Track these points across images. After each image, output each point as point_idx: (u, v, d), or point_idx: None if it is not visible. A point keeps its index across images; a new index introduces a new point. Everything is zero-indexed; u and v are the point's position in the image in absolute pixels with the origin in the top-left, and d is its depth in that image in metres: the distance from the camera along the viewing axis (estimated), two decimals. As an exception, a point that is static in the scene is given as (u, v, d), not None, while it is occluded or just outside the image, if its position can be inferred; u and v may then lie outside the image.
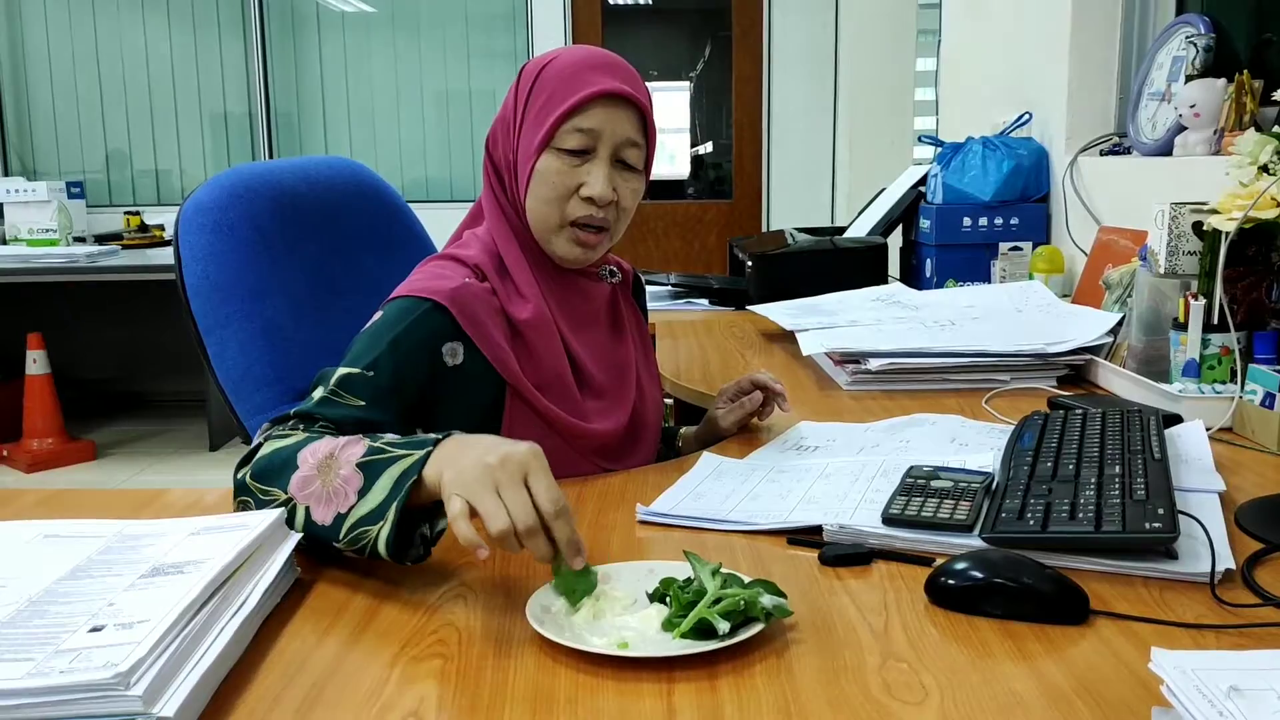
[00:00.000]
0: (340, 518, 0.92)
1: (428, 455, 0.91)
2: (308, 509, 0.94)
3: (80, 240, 4.70)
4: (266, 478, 0.98)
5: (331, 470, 0.94)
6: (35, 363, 4.31)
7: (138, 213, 4.91)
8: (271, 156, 5.28)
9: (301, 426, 1.05)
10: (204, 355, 1.35)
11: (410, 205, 1.71)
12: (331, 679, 0.77)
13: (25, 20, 5.24)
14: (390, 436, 0.96)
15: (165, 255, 4.31)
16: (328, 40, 5.26)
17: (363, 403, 1.09)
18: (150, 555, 0.85)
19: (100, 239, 4.73)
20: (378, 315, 1.18)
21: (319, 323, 1.46)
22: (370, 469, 0.92)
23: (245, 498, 0.99)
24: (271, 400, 1.36)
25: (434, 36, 5.25)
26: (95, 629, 0.72)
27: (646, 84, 1.24)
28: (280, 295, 1.41)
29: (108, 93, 5.29)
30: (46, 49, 5.26)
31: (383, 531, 0.89)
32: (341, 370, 1.11)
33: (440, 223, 1.25)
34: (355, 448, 0.95)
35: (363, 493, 0.91)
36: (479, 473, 0.85)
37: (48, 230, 4.63)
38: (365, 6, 5.27)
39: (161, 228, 4.83)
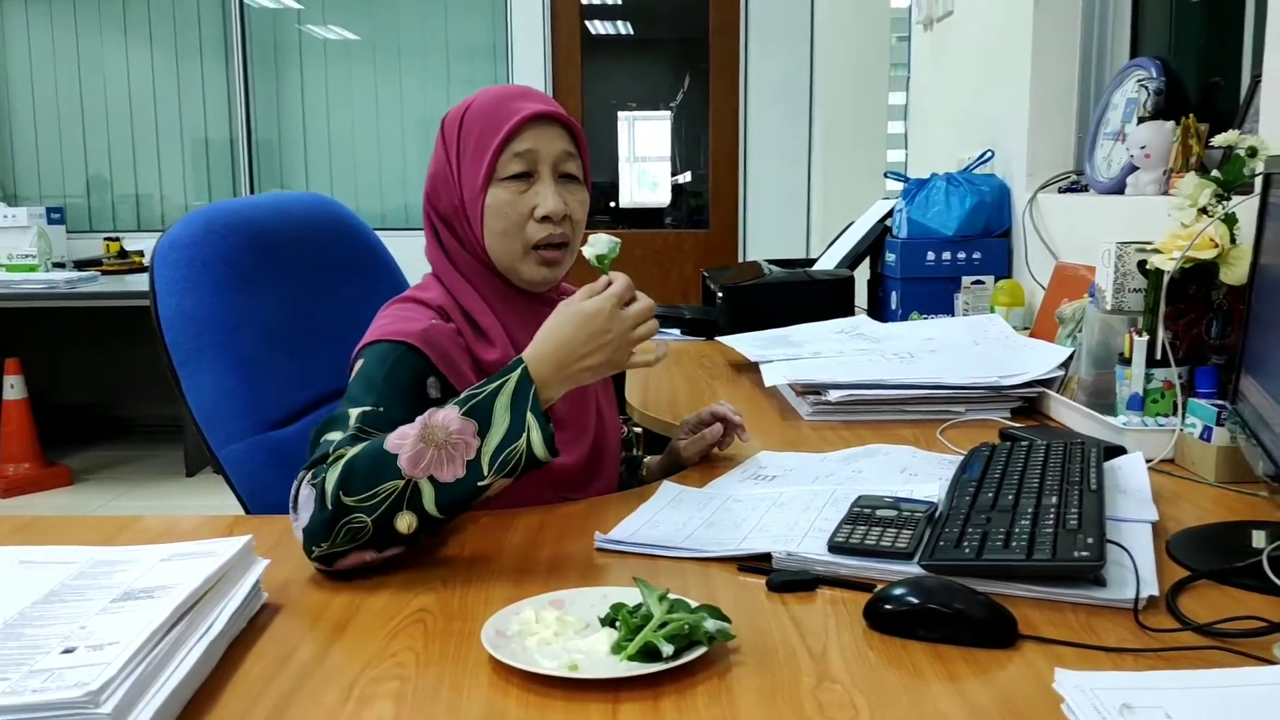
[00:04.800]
0: (474, 462, 1.00)
1: (524, 370, 1.05)
2: (432, 478, 1.00)
3: (60, 266, 4.72)
4: (367, 483, 1.00)
5: (439, 432, 1.00)
6: (13, 388, 4.32)
7: (117, 238, 4.94)
8: (252, 182, 5.32)
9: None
10: (177, 386, 1.39)
11: (390, 233, 1.75)
12: (293, 700, 0.80)
13: (6, 44, 5.27)
14: (464, 394, 1.05)
15: (144, 281, 4.31)
16: (310, 67, 5.31)
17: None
18: (122, 580, 0.89)
19: (80, 265, 4.75)
20: (360, 363, 1.20)
21: (292, 354, 1.49)
22: (477, 410, 1.01)
23: (345, 521, 1.00)
24: (243, 430, 1.39)
25: (415, 65, 5.31)
26: (68, 650, 0.75)
27: (628, 113, 1.32)
28: (254, 328, 1.44)
29: (89, 118, 5.32)
30: (29, 73, 5.29)
31: (533, 436, 1.01)
32: (355, 410, 1.12)
33: (420, 250, 1.30)
34: (446, 410, 1.03)
35: (482, 432, 1.00)
36: (607, 337, 1.08)
37: (27, 256, 4.65)
38: (348, 34, 5.33)
39: (141, 254, 4.86)
